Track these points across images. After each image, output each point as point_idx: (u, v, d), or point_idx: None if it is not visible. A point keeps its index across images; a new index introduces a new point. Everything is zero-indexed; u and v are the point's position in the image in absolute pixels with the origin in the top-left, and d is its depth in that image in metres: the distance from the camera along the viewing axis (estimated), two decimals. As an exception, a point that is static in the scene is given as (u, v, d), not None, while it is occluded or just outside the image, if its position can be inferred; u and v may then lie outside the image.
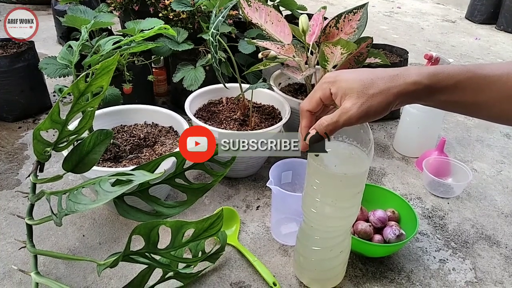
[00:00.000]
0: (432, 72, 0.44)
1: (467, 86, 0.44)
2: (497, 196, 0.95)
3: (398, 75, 0.44)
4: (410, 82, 0.44)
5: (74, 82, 0.54)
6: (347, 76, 0.46)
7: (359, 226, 0.73)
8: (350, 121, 0.44)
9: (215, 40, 0.79)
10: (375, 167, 1.03)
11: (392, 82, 0.44)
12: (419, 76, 0.44)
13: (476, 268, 0.75)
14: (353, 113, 0.44)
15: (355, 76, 0.45)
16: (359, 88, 0.44)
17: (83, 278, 0.69)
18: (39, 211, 0.81)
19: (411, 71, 0.44)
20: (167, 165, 0.72)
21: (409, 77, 0.44)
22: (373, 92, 0.43)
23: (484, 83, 0.44)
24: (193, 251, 0.65)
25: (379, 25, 2.38)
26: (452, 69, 0.44)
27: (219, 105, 1.00)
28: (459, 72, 0.44)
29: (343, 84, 0.45)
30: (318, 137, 0.47)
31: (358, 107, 0.44)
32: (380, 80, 0.44)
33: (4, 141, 1.05)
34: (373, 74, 0.45)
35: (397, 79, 0.44)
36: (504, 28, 2.42)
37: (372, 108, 0.44)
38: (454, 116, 1.32)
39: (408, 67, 0.46)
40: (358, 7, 0.96)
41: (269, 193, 0.90)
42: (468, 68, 0.44)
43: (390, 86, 0.44)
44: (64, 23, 0.98)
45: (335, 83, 0.46)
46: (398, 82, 0.44)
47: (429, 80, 0.44)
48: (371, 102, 0.44)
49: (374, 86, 0.44)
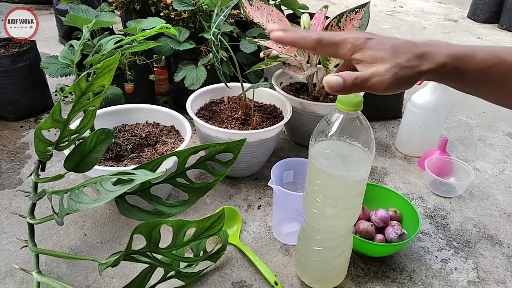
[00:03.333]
0: (461, 55, 0.43)
1: (495, 72, 0.43)
2: (499, 195, 0.95)
3: (428, 54, 0.43)
4: (439, 62, 0.43)
5: (76, 81, 0.54)
6: (375, 44, 0.43)
7: (361, 226, 0.73)
8: (381, 85, 0.42)
9: (216, 39, 0.79)
10: (377, 167, 1.03)
11: (420, 60, 0.43)
12: (448, 57, 0.43)
13: (479, 268, 0.75)
14: (386, 78, 0.42)
15: (383, 45, 0.43)
16: (390, 58, 0.42)
17: (84, 277, 0.69)
18: (40, 210, 0.81)
19: (442, 50, 0.43)
20: (168, 164, 0.72)
21: (439, 57, 0.43)
22: (404, 64, 0.42)
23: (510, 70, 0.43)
24: (195, 250, 0.65)
25: (381, 24, 2.38)
26: (481, 54, 0.43)
27: (220, 105, 1.00)
28: (488, 57, 0.43)
29: (371, 52, 0.43)
30: (340, 84, 0.41)
31: (392, 75, 0.42)
32: (410, 55, 0.43)
33: (6, 141, 1.05)
34: (402, 46, 0.43)
35: (427, 57, 0.43)
36: (506, 27, 2.41)
37: (403, 79, 0.42)
38: (456, 116, 1.32)
39: (437, 43, 0.44)
40: (360, 6, 0.96)
41: (270, 192, 0.90)
42: (497, 53, 0.43)
43: (419, 64, 0.42)
44: (66, 23, 0.98)
45: (362, 49, 0.43)
46: (427, 61, 0.43)
47: (457, 63, 0.43)
48: (401, 73, 0.42)
49: (404, 58, 0.42)
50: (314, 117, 0.97)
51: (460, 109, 1.36)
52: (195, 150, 0.60)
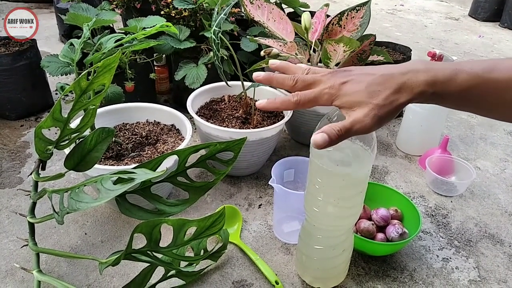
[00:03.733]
0: (440, 81, 0.43)
1: (473, 93, 0.43)
2: (500, 194, 0.95)
3: (406, 84, 0.43)
4: (417, 92, 0.43)
5: (76, 80, 0.54)
6: (350, 88, 0.45)
7: (362, 225, 0.73)
8: (364, 129, 0.43)
9: (217, 38, 0.78)
10: (377, 165, 1.02)
11: (398, 94, 0.43)
12: (426, 85, 0.43)
13: (480, 267, 0.75)
14: (367, 123, 0.43)
15: (359, 88, 0.44)
16: (367, 100, 0.43)
17: (85, 276, 0.69)
18: (41, 209, 0.81)
19: (419, 77, 0.43)
20: (169, 163, 0.72)
21: (416, 86, 0.43)
22: (382, 103, 0.43)
23: (491, 89, 0.43)
24: (195, 249, 0.65)
25: (382, 23, 2.37)
26: (461, 76, 0.43)
27: (221, 103, 1.00)
28: (468, 79, 0.43)
29: (348, 98, 0.44)
30: (326, 140, 0.43)
31: (371, 118, 0.43)
32: (387, 91, 0.43)
33: (7, 139, 1.05)
34: (378, 83, 0.44)
35: (404, 89, 0.43)
36: (508, 26, 2.40)
37: (384, 118, 0.43)
38: (457, 114, 1.32)
39: (416, 67, 0.45)
40: (361, 5, 0.96)
41: (271, 191, 0.90)
42: (478, 73, 0.43)
43: (397, 98, 0.43)
44: (66, 21, 0.98)
45: (338, 97, 0.45)
46: (405, 93, 0.43)
47: (436, 88, 0.43)
48: (381, 113, 0.43)
49: (381, 97, 0.43)
50: (315, 116, 0.97)
51: (461, 107, 1.36)
52: (195, 149, 0.60)
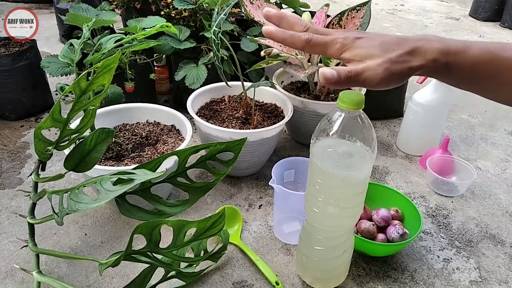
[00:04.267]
0: (453, 51, 0.42)
1: (486, 69, 0.43)
2: (501, 194, 0.94)
3: (419, 49, 0.42)
4: (430, 58, 0.42)
5: (76, 80, 0.53)
6: (364, 42, 0.43)
7: (362, 225, 0.73)
8: (373, 79, 0.42)
9: (217, 38, 0.78)
10: (378, 166, 1.02)
11: (411, 56, 0.42)
12: (439, 53, 0.42)
13: (481, 268, 0.74)
14: (378, 72, 0.41)
15: (372, 43, 0.43)
16: (380, 53, 0.42)
17: (85, 277, 0.68)
18: (41, 210, 0.81)
19: (433, 45, 0.43)
20: (169, 163, 0.72)
21: (430, 53, 0.42)
22: (394, 59, 0.42)
23: (503, 67, 0.43)
24: (195, 250, 0.65)
25: (382, 23, 2.37)
26: (473, 49, 0.43)
27: (221, 104, 1.00)
28: (480, 53, 0.42)
29: (360, 51, 0.43)
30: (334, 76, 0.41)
31: (383, 69, 0.41)
32: (401, 50, 0.42)
33: (7, 140, 1.05)
34: (393, 43, 0.43)
35: (418, 53, 0.42)
36: (508, 25, 2.40)
37: (394, 74, 0.42)
38: (458, 114, 1.31)
39: (429, 37, 0.44)
40: (361, 5, 0.96)
41: (271, 191, 0.90)
42: (490, 49, 0.43)
43: (409, 59, 0.42)
44: (66, 22, 0.98)
45: (351, 48, 0.43)
46: (418, 57, 0.42)
47: (448, 58, 0.42)
48: (393, 68, 0.42)
49: (395, 54, 0.42)
50: (315, 116, 0.97)
51: (462, 107, 1.36)
52: (195, 149, 0.60)
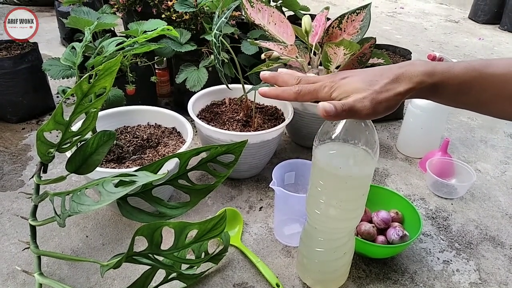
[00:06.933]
0: (438, 71, 0.44)
1: (472, 86, 0.44)
2: (501, 197, 0.95)
3: (404, 74, 0.44)
4: (416, 81, 0.44)
5: (77, 83, 0.54)
6: (349, 80, 0.45)
7: (363, 227, 0.73)
8: (364, 111, 0.43)
9: (218, 41, 0.79)
10: (378, 168, 1.02)
11: (396, 83, 0.44)
12: (425, 75, 0.44)
13: (480, 269, 0.75)
14: (365, 104, 0.43)
15: (357, 78, 0.45)
16: (365, 87, 0.44)
17: (86, 279, 0.69)
18: (42, 212, 0.81)
19: (417, 68, 0.44)
20: (170, 166, 0.72)
21: (415, 76, 0.44)
22: (379, 90, 0.43)
23: (489, 83, 0.44)
24: (196, 252, 0.65)
25: (382, 26, 2.38)
26: (458, 68, 0.44)
27: (222, 106, 1.00)
28: (465, 72, 0.44)
29: (346, 88, 0.45)
30: (333, 109, 0.43)
31: (370, 101, 0.43)
32: (385, 80, 0.44)
33: (8, 142, 1.05)
34: (376, 74, 0.45)
35: (402, 78, 0.44)
36: (507, 28, 2.41)
37: (381, 103, 0.43)
38: (457, 117, 1.32)
39: (413, 62, 0.46)
40: (361, 8, 0.96)
41: (272, 194, 0.90)
42: (474, 66, 0.44)
43: (395, 86, 0.44)
44: (68, 25, 0.98)
45: (337, 88, 0.45)
46: (404, 82, 0.44)
47: (434, 79, 0.44)
48: (379, 98, 0.43)
49: (380, 84, 0.44)
50: (315, 119, 0.97)
51: (461, 110, 1.36)
52: (196, 151, 0.60)
